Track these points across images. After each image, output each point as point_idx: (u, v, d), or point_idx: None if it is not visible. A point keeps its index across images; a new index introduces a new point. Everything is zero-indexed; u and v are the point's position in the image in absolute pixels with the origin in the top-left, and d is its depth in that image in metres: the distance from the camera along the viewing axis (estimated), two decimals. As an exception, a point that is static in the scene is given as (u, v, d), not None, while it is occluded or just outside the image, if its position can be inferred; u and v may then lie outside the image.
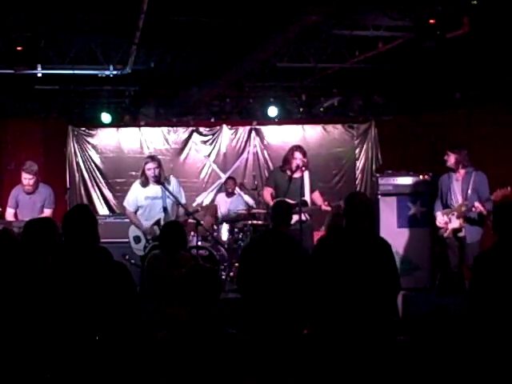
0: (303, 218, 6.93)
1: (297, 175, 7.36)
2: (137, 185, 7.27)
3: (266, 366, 4.36)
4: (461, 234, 7.28)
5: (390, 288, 4.34)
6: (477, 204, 6.91)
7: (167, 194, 6.99)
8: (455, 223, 7.24)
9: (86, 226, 3.53)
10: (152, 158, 7.40)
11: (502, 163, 7.96)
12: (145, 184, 7.14)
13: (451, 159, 7.24)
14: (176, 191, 7.16)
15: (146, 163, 7.18)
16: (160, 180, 7.02)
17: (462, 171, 7.22)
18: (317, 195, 7.47)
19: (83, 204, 8.83)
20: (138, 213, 7.25)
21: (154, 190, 7.10)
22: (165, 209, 7.05)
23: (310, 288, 4.45)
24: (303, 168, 7.32)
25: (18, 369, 3.39)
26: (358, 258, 4.31)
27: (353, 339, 4.19)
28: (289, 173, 7.33)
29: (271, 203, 6.35)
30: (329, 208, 7.24)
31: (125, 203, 7.40)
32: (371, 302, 4.25)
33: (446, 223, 7.31)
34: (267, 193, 7.48)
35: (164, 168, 7.34)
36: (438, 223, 7.42)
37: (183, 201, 7.27)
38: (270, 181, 7.72)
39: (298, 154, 7.35)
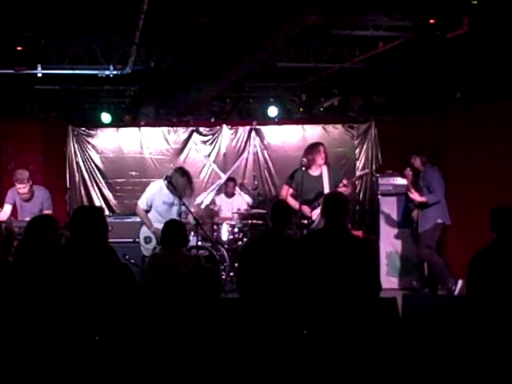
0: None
1: (316, 173, 7.17)
2: (156, 186, 7.37)
3: (266, 366, 4.36)
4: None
5: (369, 287, 4.34)
6: (409, 194, 8.03)
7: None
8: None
9: (94, 228, 3.53)
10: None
11: (501, 162, 7.95)
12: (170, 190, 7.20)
13: (417, 162, 8.06)
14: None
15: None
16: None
17: (422, 169, 8.04)
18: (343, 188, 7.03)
19: (96, 206, 8.84)
20: (152, 214, 7.33)
21: (172, 196, 7.21)
22: (180, 215, 7.14)
23: (294, 289, 4.48)
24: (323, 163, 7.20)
25: (20, 368, 3.39)
26: (337, 258, 4.32)
27: (336, 339, 4.20)
28: (310, 171, 7.09)
29: (291, 203, 6.49)
30: (345, 188, 6.93)
31: (139, 201, 7.48)
32: (351, 301, 4.26)
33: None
34: (286, 192, 7.20)
35: (164, 168, 7.43)
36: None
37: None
38: (291, 180, 7.35)
39: (323, 150, 7.24)
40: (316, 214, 6.84)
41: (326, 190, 7.00)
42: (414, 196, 7.98)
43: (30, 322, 3.43)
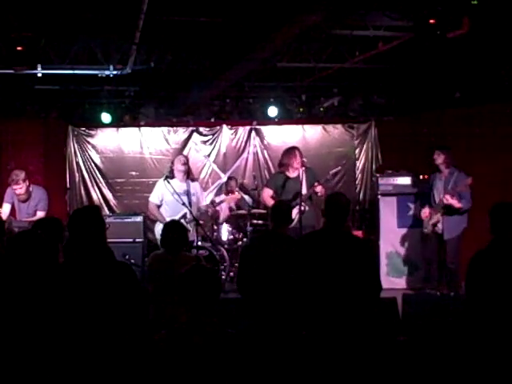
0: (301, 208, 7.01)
1: (294, 175, 7.42)
2: (161, 182, 7.69)
3: (266, 366, 4.36)
4: (438, 230, 7.72)
5: (370, 287, 4.36)
6: (447, 197, 7.47)
7: (191, 191, 7.53)
8: (434, 219, 7.71)
9: (93, 228, 3.53)
10: (183, 155, 8.40)
11: (501, 162, 7.96)
12: (171, 177, 7.56)
13: (440, 159, 7.66)
14: (199, 193, 7.74)
15: (175, 158, 7.89)
16: (188, 176, 7.65)
17: (446, 171, 7.67)
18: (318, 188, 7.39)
19: (94, 205, 8.87)
20: (164, 209, 7.61)
21: (179, 185, 7.50)
22: (189, 203, 7.38)
23: (294, 290, 4.50)
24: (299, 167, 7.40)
25: (22, 367, 3.39)
26: (337, 259, 4.35)
27: (336, 340, 4.22)
28: (288, 173, 7.45)
29: (269, 204, 6.47)
30: (320, 187, 7.29)
31: (150, 199, 7.81)
32: (352, 302, 4.28)
33: (427, 217, 7.81)
34: (266, 194, 7.58)
35: (164, 168, 7.63)
36: (422, 215, 7.93)
37: (203, 203, 7.89)
38: (270, 183, 7.82)
39: (299, 154, 7.45)
40: (294, 213, 6.87)
41: (304, 190, 7.25)
42: (454, 201, 7.46)
43: (27, 322, 3.43)
